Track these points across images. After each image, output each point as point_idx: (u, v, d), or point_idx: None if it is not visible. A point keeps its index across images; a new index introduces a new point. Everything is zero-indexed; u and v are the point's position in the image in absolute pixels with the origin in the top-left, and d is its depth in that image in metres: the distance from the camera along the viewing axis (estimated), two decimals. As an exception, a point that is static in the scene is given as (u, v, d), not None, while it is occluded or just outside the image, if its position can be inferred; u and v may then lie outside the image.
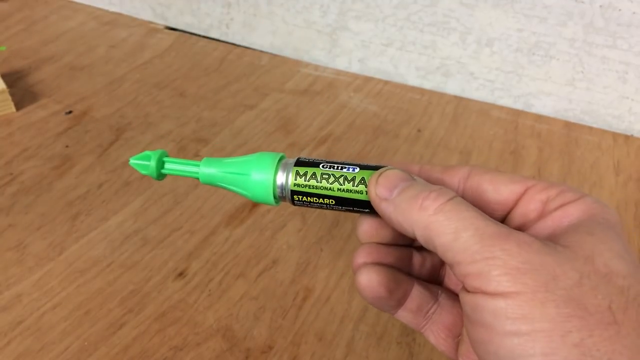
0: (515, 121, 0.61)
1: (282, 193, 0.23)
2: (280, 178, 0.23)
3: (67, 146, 0.54)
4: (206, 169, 0.24)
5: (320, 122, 0.59)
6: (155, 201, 0.47)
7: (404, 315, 0.24)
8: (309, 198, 0.23)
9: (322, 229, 0.45)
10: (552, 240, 0.18)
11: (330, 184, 0.22)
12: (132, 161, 0.25)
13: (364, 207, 0.23)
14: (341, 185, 0.22)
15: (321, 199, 0.23)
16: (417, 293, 0.24)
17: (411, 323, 0.24)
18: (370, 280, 0.23)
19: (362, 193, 0.22)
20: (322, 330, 0.37)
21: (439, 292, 0.25)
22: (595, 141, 0.58)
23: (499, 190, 0.22)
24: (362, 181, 0.22)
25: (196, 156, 0.53)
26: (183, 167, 0.25)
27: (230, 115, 0.60)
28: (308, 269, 0.41)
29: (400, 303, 0.24)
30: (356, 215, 0.24)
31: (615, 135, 0.59)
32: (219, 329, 0.37)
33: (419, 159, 0.54)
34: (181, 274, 0.41)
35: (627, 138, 0.59)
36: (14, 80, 0.64)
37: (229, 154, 0.53)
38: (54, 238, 0.43)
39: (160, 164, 0.25)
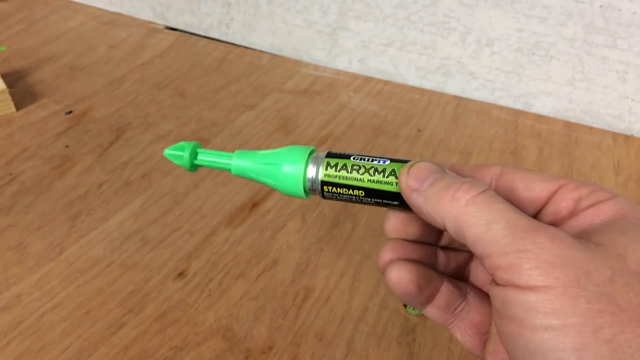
0: (515, 121, 0.61)
1: (312, 186, 0.24)
2: (311, 170, 0.23)
3: (67, 146, 0.54)
4: (238, 161, 0.25)
5: (320, 122, 0.59)
6: (155, 201, 0.47)
7: (432, 311, 0.24)
8: (338, 189, 0.23)
9: (322, 229, 0.45)
10: (584, 237, 0.18)
11: (361, 174, 0.23)
12: (167, 151, 0.26)
13: (393, 199, 0.23)
14: (371, 176, 0.23)
15: (351, 190, 0.23)
16: (446, 290, 0.24)
17: (439, 320, 0.24)
18: (400, 277, 0.23)
19: (392, 184, 0.22)
20: (322, 330, 0.37)
21: (468, 289, 0.24)
22: (595, 141, 0.58)
23: (531, 187, 0.22)
24: (393, 173, 0.22)
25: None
26: (215, 159, 0.25)
27: (230, 115, 0.60)
28: (308, 269, 0.41)
29: (429, 300, 0.24)
30: (358, 216, 0.24)
31: (615, 135, 0.59)
32: (219, 329, 0.37)
33: (419, 159, 0.54)
34: (181, 274, 0.41)
35: (627, 138, 0.59)
36: (14, 80, 0.64)
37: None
38: (54, 238, 0.43)
39: (194, 155, 0.25)
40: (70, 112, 0.59)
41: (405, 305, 0.39)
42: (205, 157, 0.26)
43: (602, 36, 0.56)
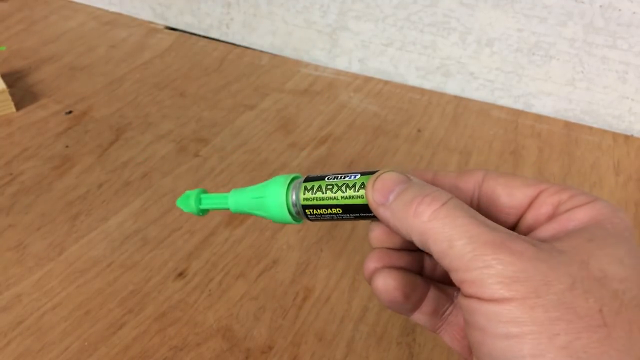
0: (515, 121, 0.61)
1: (298, 211, 0.25)
2: (293, 197, 0.24)
3: (67, 146, 0.54)
4: (233, 200, 0.26)
5: (320, 122, 0.59)
6: (155, 201, 0.47)
7: (420, 317, 0.24)
8: (319, 210, 0.24)
9: (322, 229, 0.45)
10: (552, 242, 0.19)
11: (334, 193, 0.23)
12: (178, 202, 0.28)
13: (370, 211, 0.23)
14: (344, 192, 0.23)
15: (329, 209, 0.24)
16: (432, 296, 0.24)
17: (427, 325, 0.25)
18: (386, 284, 0.23)
19: (364, 198, 0.23)
20: (322, 330, 0.37)
21: (455, 293, 0.25)
22: (595, 141, 0.58)
23: (513, 194, 0.22)
24: (362, 186, 0.23)
25: (196, 156, 0.53)
26: (216, 201, 0.27)
27: (230, 115, 0.60)
28: (308, 269, 0.41)
29: (416, 306, 0.24)
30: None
31: (615, 135, 0.59)
32: (219, 329, 0.37)
33: (418, 159, 0.54)
34: (181, 274, 0.41)
35: (627, 138, 0.59)
36: (14, 80, 0.64)
37: (229, 154, 0.53)
38: (54, 238, 0.43)
39: (198, 200, 0.27)
40: (70, 112, 0.59)
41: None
42: (208, 200, 0.27)
43: (602, 36, 0.56)
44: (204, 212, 0.28)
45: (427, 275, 0.25)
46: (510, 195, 0.22)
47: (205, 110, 0.60)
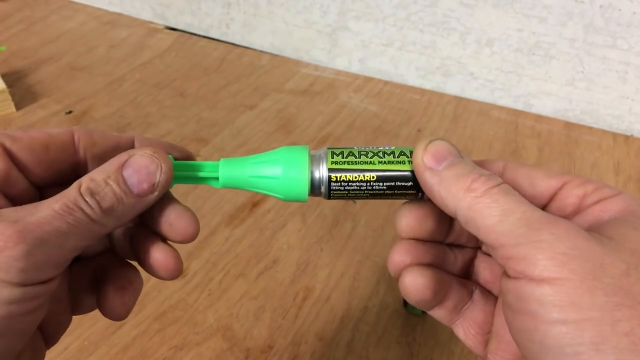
0: (515, 121, 0.61)
1: (317, 185, 0.22)
2: (315, 170, 0.22)
3: (67, 146, 0.54)
4: (227, 173, 0.22)
5: (320, 122, 0.59)
6: (155, 201, 0.47)
7: (440, 312, 0.24)
8: (347, 176, 0.22)
9: (322, 229, 0.45)
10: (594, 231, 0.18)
11: (370, 158, 0.22)
12: None
13: (407, 181, 0.22)
14: (381, 158, 0.22)
15: (362, 175, 0.22)
16: (455, 292, 0.24)
17: (444, 319, 0.24)
18: (416, 283, 0.22)
19: (405, 164, 0.22)
20: (322, 330, 0.37)
21: (473, 288, 0.24)
22: (595, 141, 0.58)
23: (535, 184, 0.21)
24: (403, 153, 0.22)
25: (197, 156, 0.53)
26: (196, 174, 0.22)
27: (230, 115, 0.60)
28: (308, 269, 0.41)
29: (440, 302, 0.24)
30: (358, 216, 0.24)
31: (615, 135, 0.59)
32: (219, 329, 0.37)
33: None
34: (181, 274, 0.41)
35: (627, 138, 0.59)
36: (14, 80, 0.64)
37: (229, 154, 0.53)
38: (53, 238, 0.43)
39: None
40: (70, 112, 0.59)
41: (405, 305, 0.39)
42: (183, 173, 0.22)
43: (602, 36, 0.56)
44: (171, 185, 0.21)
45: (448, 269, 0.25)
46: (532, 185, 0.21)
47: (205, 110, 0.60)
